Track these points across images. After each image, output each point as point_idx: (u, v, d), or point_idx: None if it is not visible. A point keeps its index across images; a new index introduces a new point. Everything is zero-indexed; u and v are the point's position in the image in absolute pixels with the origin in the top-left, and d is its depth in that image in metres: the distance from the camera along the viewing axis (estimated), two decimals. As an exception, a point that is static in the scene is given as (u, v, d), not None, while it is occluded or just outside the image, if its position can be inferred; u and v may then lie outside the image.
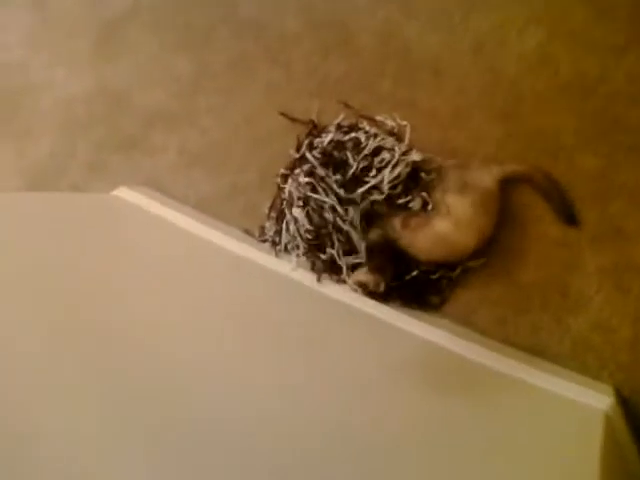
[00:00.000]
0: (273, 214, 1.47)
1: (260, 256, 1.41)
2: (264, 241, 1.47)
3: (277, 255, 1.41)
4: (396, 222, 1.26)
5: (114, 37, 1.78)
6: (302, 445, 0.80)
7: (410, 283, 1.31)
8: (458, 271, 1.29)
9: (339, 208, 1.30)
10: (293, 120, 1.50)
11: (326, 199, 1.30)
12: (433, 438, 0.91)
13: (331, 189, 1.30)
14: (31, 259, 1.05)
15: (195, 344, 0.97)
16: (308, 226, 1.32)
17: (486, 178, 1.23)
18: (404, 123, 1.38)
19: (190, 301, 1.12)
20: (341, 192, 1.30)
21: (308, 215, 1.32)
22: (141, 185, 1.63)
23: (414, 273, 1.29)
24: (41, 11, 1.91)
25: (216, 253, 1.40)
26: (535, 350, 1.22)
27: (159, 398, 0.80)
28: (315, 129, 1.44)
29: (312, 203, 1.32)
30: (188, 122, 1.64)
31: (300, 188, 1.34)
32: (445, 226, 1.21)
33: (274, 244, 1.44)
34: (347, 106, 1.45)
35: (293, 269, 1.36)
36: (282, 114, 1.51)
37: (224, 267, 1.37)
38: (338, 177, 1.31)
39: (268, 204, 1.48)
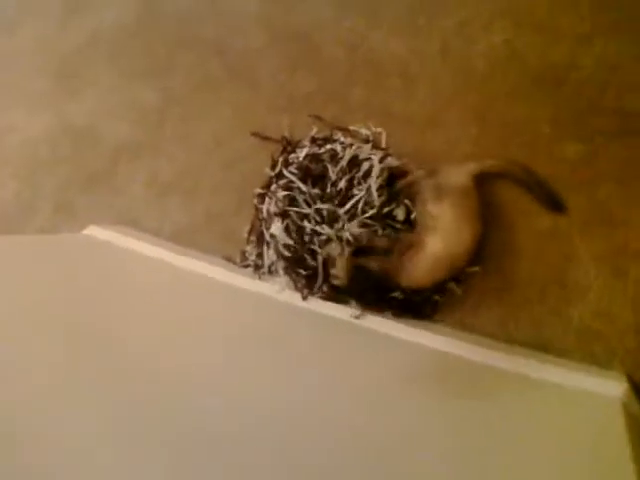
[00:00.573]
0: (253, 237, 1.49)
1: (244, 280, 1.41)
2: (246, 266, 1.48)
3: (260, 278, 1.42)
4: (394, 258, 1.28)
5: (73, 72, 1.81)
6: (319, 456, 0.80)
7: (397, 300, 1.33)
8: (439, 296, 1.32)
9: (317, 220, 1.32)
10: (265, 139, 1.53)
11: (306, 210, 1.31)
12: (455, 443, 0.91)
13: (312, 201, 1.32)
14: (8, 304, 1.05)
15: (196, 368, 0.98)
16: (288, 240, 1.33)
17: (458, 177, 1.26)
18: (379, 130, 1.41)
19: (182, 329, 1.13)
20: (322, 205, 1.32)
21: (287, 229, 1.33)
22: (112, 222, 1.63)
23: (396, 294, 1.32)
24: (-6, 54, 1.94)
25: (198, 281, 1.40)
26: (540, 346, 1.23)
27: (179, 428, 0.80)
28: (289, 145, 1.47)
29: (291, 216, 1.34)
30: (156, 151, 1.66)
31: (278, 203, 1.35)
32: (437, 243, 1.23)
33: (257, 268, 1.45)
34: (319, 119, 1.48)
35: (279, 291, 1.37)
36: (254, 134, 1.54)
37: (208, 294, 1.37)
38: (317, 191, 1.33)
39: (247, 228, 1.50)
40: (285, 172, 1.40)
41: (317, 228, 1.31)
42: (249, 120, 1.56)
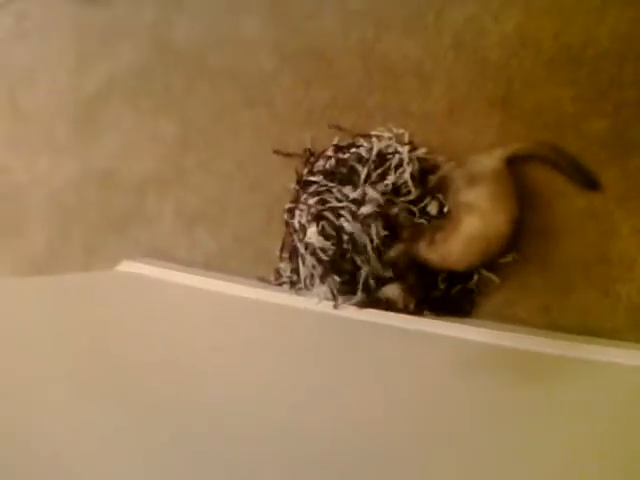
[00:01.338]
0: (286, 254, 1.57)
1: (280, 297, 1.49)
2: (281, 284, 1.56)
3: (297, 294, 1.49)
4: (421, 244, 1.35)
5: (92, 117, 1.96)
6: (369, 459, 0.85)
7: (437, 298, 1.40)
8: (476, 278, 1.39)
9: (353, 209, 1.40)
10: (288, 155, 1.63)
11: (341, 204, 1.40)
12: (516, 433, 0.95)
13: (345, 197, 1.41)
14: (56, 343, 1.14)
15: (241, 386, 1.05)
16: (324, 243, 1.41)
17: (489, 162, 1.33)
18: (401, 131, 1.49)
19: (221, 352, 1.20)
20: (355, 193, 1.41)
21: (323, 232, 1.41)
22: (143, 257, 1.74)
23: (437, 292, 1.40)
24: (13, 109, 2.11)
25: (232, 303, 1.48)
26: (589, 330, 1.27)
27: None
28: (312, 156, 1.57)
29: (326, 217, 1.42)
30: (180, 183, 1.78)
31: (311, 210, 1.44)
32: (473, 222, 1.29)
33: (292, 284, 1.53)
34: (339, 129, 1.58)
35: (318, 302, 1.43)
36: (276, 151, 1.64)
37: (245, 315, 1.44)
38: (349, 188, 1.42)
39: (278, 246, 1.58)
40: (311, 177, 1.50)
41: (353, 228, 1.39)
42: (269, 140, 1.67)
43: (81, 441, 0.83)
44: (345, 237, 1.39)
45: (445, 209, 1.40)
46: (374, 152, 1.44)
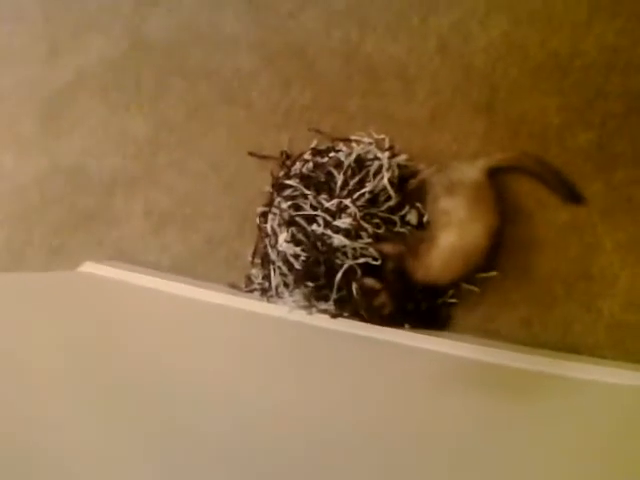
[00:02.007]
0: (258, 259, 1.53)
1: (249, 304, 1.45)
2: (252, 291, 1.51)
3: (268, 301, 1.45)
4: (407, 258, 1.31)
5: (60, 112, 1.89)
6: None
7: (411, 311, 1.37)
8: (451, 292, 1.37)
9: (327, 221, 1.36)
10: (263, 157, 1.59)
11: (315, 212, 1.36)
12: (492, 447, 0.92)
13: (319, 206, 1.37)
14: (9, 342, 1.08)
15: (208, 392, 1.01)
16: (296, 250, 1.37)
17: (470, 171, 1.30)
18: (382, 136, 1.46)
19: (186, 357, 1.15)
20: (331, 202, 1.37)
21: (294, 238, 1.37)
22: (109, 259, 1.68)
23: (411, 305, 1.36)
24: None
25: (198, 308, 1.43)
26: (569, 345, 1.25)
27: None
28: (288, 159, 1.53)
29: (298, 223, 1.38)
30: (151, 182, 1.72)
31: (283, 214, 1.39)
32: (450, 236, 1.26)
33: (264, 291, 1.48)
34: (318, 132, 1.54)
35: (289, 311, 1.39)
36: (251, 154, 1.60)
37: (210, 320, 1.39)
38: (324, 196, 1.38)
39: (251, 250, 1.54)
40: (287, 181, 1.46)
41: (328, 232, 1.35)
42: (245, 141, 1.63)
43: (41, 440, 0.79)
44: (318, 243, 1.35)
45: (425, 219, 1.38)
46: (352, 157, 1.40)
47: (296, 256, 1.37)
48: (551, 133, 1.35)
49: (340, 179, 1.38)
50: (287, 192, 1.43)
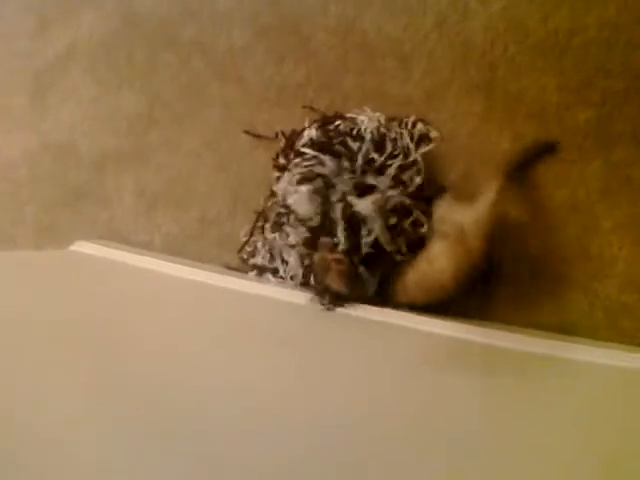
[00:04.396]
0: (255, 237, 1.51)
1: (241, 283, 1.44)
2: (252, 267, 1.51)
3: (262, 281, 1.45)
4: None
5: (50, 88, 1.88)
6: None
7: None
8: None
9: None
10: (258, 136, 1.58)
11: (337, 177, 1.33)
12: (483, 427, 0.93)
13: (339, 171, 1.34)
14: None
15: (199, 370, 1.01)
16: (311, 207, 1.33)
17: (464, 215, 1.23)
18: (377, 114, 1.45)
19: (181, 338, 1.15)
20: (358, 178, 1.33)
21: (311, 196, 1.34)
22: (100, 238, 1.68)
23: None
24: (-34, 76, 2.01)
25: (190, 288, 1.43)
26: (566, 327, 1.25)
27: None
28: (294, 134, 1.49)
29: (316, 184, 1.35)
30: (142, 161, 1.71)
31: (302, 172, 1.37)
32: (423, 263, 1.23)
33: (260, 270, 1.48)
34: (312, 109, 1.53)
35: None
36: (246, 132, 1.59)
37: (202, 300, 1.39)
38: (347, 165, 1.34)
39: (245, 230, 1.53)
40: (302, 149, 1.41)
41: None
42: (239, 119, 1.61)
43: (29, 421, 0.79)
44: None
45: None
46: (371, 130, 1.37)
47: (305, 220, 1.35)
48: (550, 112, 1.34)
49: (363, 149, 1.34)
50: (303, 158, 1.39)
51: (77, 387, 0.90)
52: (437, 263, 1.21)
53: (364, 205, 1.29)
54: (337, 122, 1.42)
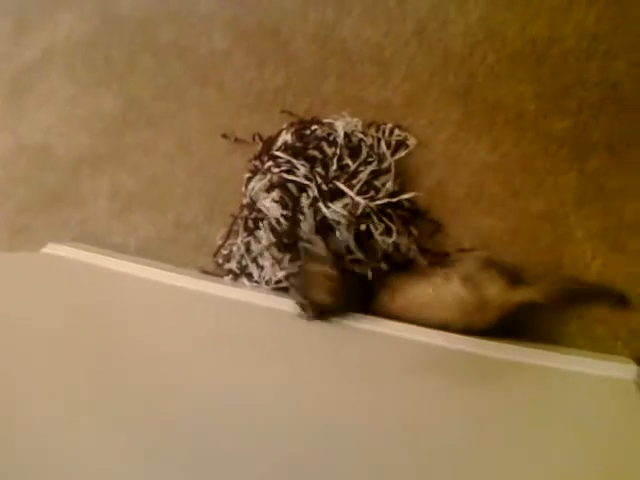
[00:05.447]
0: (231, 240, 1.51)
1: (214, 287, 1.43)
2: (227, 272, 1.50)
3: (237, 284, 1.45)
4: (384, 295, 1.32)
5: (26, 89, 1.86)
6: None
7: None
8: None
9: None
10: (236, 140, 1.57)
11: (309, 182, 1.33)
12: (460, 435, 0.93)
13: (313, 177, 1.34)
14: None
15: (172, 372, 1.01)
16: (282, 211, 1.34)
17: (494, 293, 1.24)
18: (355, 120, 1.45)
19: (163, 345, 1.14)
20: (325, 186, 1.33)
21: (281, 200, 1.35)
22: (74, 240, 1.66)
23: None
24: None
25: (165, 291, 1.42)
26: (539, 334, 1.26)
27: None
28: (270, 139, 1.50)
29: (289, 187, 1.35)
30: (118, 163, 1.70)
31: (273, 177, 1.38)
32: (426, 291, 1.26)
33: (235, 275, 1.48)
34: (291, 114, 1.53)
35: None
36: (224, 136, 1.58)
37: (177, 303, 1.38)
38: (319, 169, 1.34)
39: (221, 234, 1.52)
40: (277, 153, 1.41)
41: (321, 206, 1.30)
42: (216, 122, 1.61)
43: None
44: (300, 216, 1.32)
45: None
46: (342, 135, 1.38)
47: (278, 222, 1.35)
48: (527, 120, 1.35)
49: (336, 157, 1.35)
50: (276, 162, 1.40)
51: (49, 389, 0.89)
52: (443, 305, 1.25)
53: (333, 210, 1.29)
54: (314, 127, 1.43)
